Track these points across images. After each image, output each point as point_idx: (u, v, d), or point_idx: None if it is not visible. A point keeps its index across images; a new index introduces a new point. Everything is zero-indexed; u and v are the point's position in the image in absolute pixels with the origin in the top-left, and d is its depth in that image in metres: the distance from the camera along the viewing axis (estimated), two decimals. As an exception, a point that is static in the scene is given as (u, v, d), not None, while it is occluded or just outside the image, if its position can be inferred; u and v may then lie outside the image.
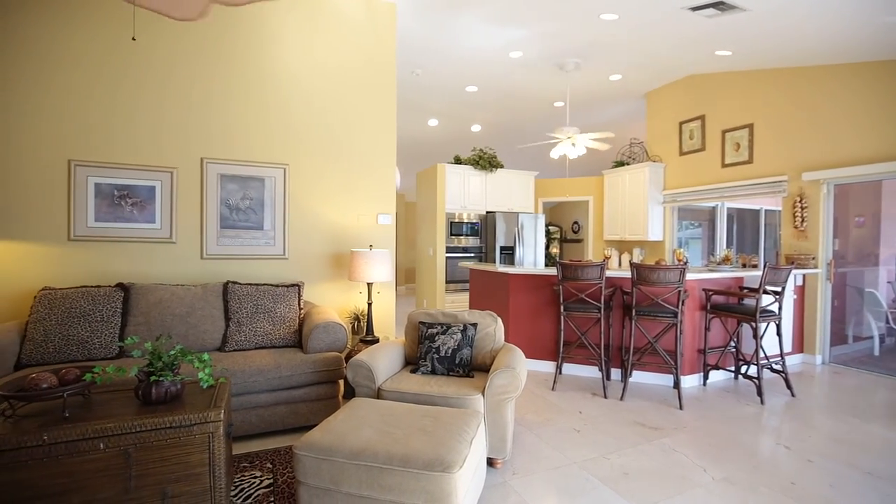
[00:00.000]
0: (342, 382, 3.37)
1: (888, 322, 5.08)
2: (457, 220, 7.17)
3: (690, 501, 2.22)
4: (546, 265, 7.34)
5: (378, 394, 2.55)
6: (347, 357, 3.45)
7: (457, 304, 7.00)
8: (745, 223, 6.92)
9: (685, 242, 7.12)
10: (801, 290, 4.88)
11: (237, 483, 2.29)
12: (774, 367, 3.88)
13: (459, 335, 2.86)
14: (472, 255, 7.31)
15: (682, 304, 3.62)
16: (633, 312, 3.71)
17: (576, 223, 10.13)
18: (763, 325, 3.86)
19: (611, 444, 2.82)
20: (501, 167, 7.44)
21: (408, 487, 1.71)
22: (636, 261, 7.00)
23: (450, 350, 2.81)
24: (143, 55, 3.51)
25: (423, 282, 7.68)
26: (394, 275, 4.03)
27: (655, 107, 6.89)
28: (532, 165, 8.50)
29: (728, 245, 6.41)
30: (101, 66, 3.40)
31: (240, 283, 3.37)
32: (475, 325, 2.94)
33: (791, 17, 3.88)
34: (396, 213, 4.79)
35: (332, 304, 4.06)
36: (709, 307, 4.01)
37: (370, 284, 3.74)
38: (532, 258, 7.13)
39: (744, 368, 4.10)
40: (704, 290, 4.04)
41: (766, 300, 3.78)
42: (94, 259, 3.38)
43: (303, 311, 3.46)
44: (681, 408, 3.44)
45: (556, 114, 7.46)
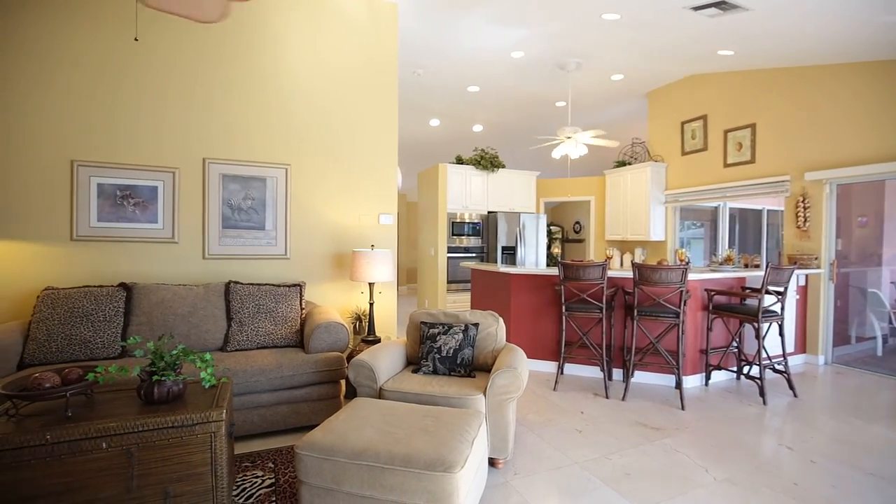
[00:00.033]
0: (344, 382, 3.38)
1: (891, 322, 5.06)
2: (458, 221, 7.17)
3: (692, 502, 2.21)
4: (548, 265, 7.34)
5: (380, 394, 2.55)
6: (349, 357, 3.45)
7: (458, 305, 7.00)
8: (748, 223, 6.91)
9: (687, 242, 7.10)
10: (804, 291, 4.87)
11: (239, 483, 2.29)
12: (777, 368, 3.87)
13: (461, 335, 2.86)
14: (474, 256, 7.31)
15: (684, 305, 3.62)
16: (635, 312, 3.71)
17: (577, 223, 10.12)
18: (765, 326, 3.85)
19: (612, 445, 2.82)
20: (503, 167, 7.44)
21: (409, 487, 1.71)
22: (638, 261, 6.99)
23: (451, 350, 2.81)
24: (145, 55, 3.51)
25: (425, 282, 7.68)
26: (395, 275, 4.03)
27: (657, 107, 6.88)
28: (533, 165, 8.49)
29: (730, 245, 6.39)
30: (102, 66, 3.41)
31: (242, 283, 3.38)
32: (477, 325, 2.94)
33: (793, 17, 3.87)
34: (398, 213, 4.80)
35: (334, 304, 4.06)
36: (711, 307, 4.00)
37: (372, 284, 3.75)
38: (533, 258, 7.13)
39: (746, 369, 4.10)
40: (706, 291, 4.03)
41: (769, 300, 3.77)
42: (97, 259, 3.39)
43: (304, 311, 3.47)
44: (683, 408, 3.43)
45: (558, 114, 7.45)
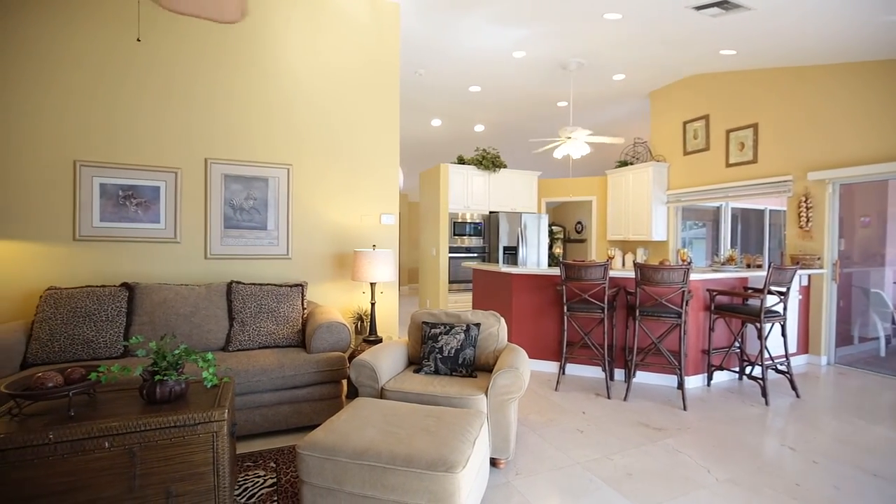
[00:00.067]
0: (345, 382, 3.38)
1: (894, 323, 5.04)
2: (460, 221, 7.17)
3: (694, 502, 2.21)
4: (549, 265, 7.33)
5: (381, 394, 2.55)
6: (351, 357, 3.45)
7: (460, 305, 7.00)
8: (750, 223, 6.89)
9: (689, 242, 7.09)
10: (807, 291, 4.85)
11: (241, 482, 2.30)
12: (779, 368, 3.86)
13: (462, 335, 2.86)
14: (476, 256, 7.31)
15: (686, 305, 3.61)
16: (637, 313, 3.71)
17: (579, 223, 10.11)
18: (768, 326, 3.85)
19: (614, 445, 2.82)
20: (504, 167, 7.44)
21: (411, 487, 1.71)
22: (640, 261, 6.98)
23: (453, 350, 2.81)
24: (146, 55, 3.52)
25: (427, 282, 7.68)
26: (397, 275, 4.03)
27: (659, 106, 6.87)
28: (535, 165, 8.48)
29: (732, 245, 6.38)
30: (103, 66, 3.42)
31: (243, 283, 3.38)
32: (478, 325, 2.94)
33: (794, 16, 3.86)
34: (399, 214, 4.80)
35: (336, 304, 4.06)
36: (713, 307, 3.99)
37: (373, 284, 3.75)
38: (535, 258, 7.12)
39: (748, 369, 4.09)
40: (708, 291, 4.02)
41: (771, 300, 3.75)
42: (99, 259, 3.40)
43: (306, 311, 3.47)
44: (685, 408, 3.43)
45: (560, 114, 7.44)
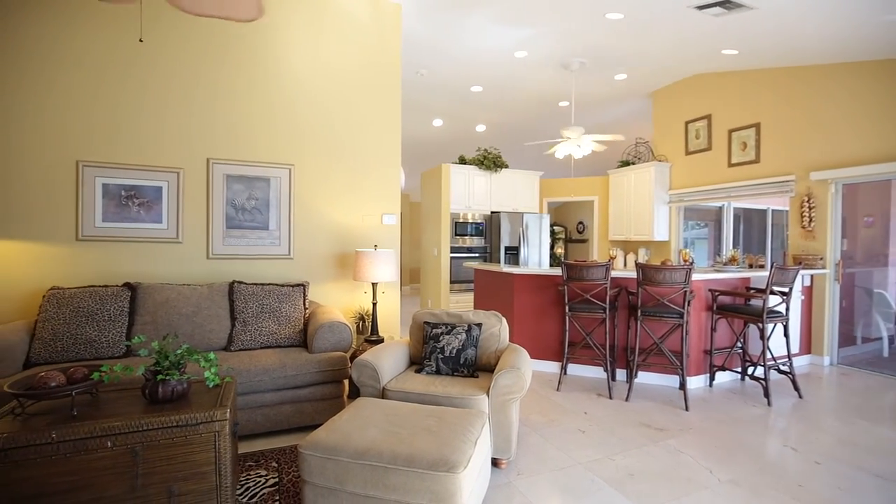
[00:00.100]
0: (347, 382, 3.38)
1: (897, 323, 5.02)
2: (461, 221, 7.16)
3: (696, 503, 2.20)
4: (551, 265, 7.33)
5: (383, 393, 2.55)
6: (352, 357, 3.46)
7: (461, 305, 7.00)
8: (752, 223, 6.87)
9: (691, 243, 7.08)
10: (809, 291, 4.84)
11: (243, 482, 2.30)
12: (781, 369, 3.85)
13: (464, 335, 2.85)
14: (477, 256, 7.31)
15: (688, 305, 3.60)
16: (639, 313, 3.70)
17: (581, 223, 10.10)
18: (770, 326, 3.84)
19: (616, 445, 2.81)
20: (506, 167, 7.43)
21: (412, 487, 1.72)
22: (642, 261, 6.96)
23: (454, 350, 2.81)
24: (148, 56, 3.52)
25: (428, 282, 7.68)
26: (398, 275, 4.04)
27: (661, 106, 6.86)
28: (537, 165, 8.47)
29: (734, 245, 6.37)
30: (105, 67, 3.42)
31: (245, 283, 3.39)
32: (480, 326, 2.94)
33: (797, 16, 3.84)
34: (401, 214, 4.80)
35: (337, 304, 4.07)
36: (715, 308, 3.98)
37: (375, 284, 3.75)
38: (537, 258, 7.12)
39: (750, 369, 4.08)
40: (711, 291, 4.01)
41: (774, 301, 3.74)
42: (102, 259, 3.41)
43: (308, 311, 3.47)
44: (687, 409, 3.42)
45: (562, 113, 7.43)
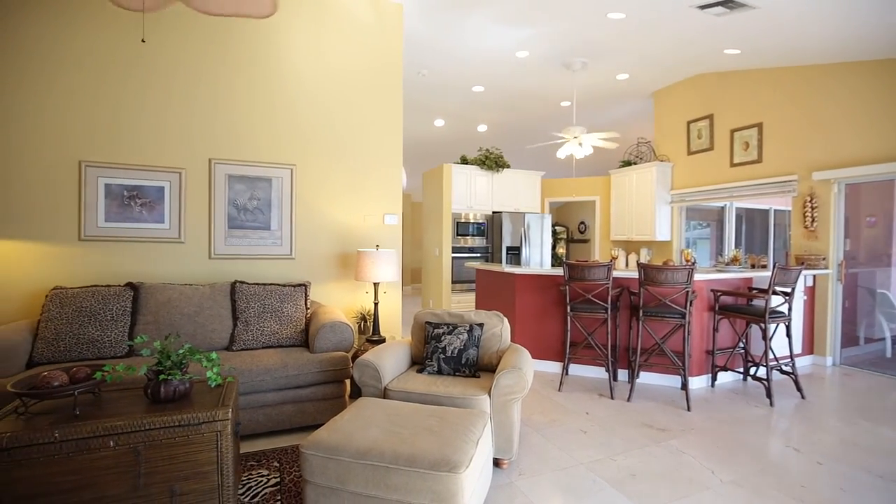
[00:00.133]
0: (349, 382, 3.38)
1: (900, 323, 5.00)
2: (463, 221, 7.16)
3: (698, 504, 2.20)
4: (552, 265, 7.32)
5: (384, 393, 2.55)
6: (354, 357, 3.46)
7: (463, 305, 7.00)
8: (754, 223, 6.85)
9: (693, 243, 7.06)
10: (812, 291, 4.82)
11: (244, 481, 2.31)
12: (784, 369, 3.84)
13: (465, 335, 2.85)
14: (479, 256, 7.31)
15: (690, 305, 3.59)
16: (641, 313, 3.69)
17: (582, 223, 10.09)
18: (772, 327, 3.83)
19: (618, 446, 2.81)
20: (508, 167, 7.42)
21: (414, 487, 1.72)
22: (643, 261, 6.95)
23: (456, 350, 2.81)
24: (149, 56, 3.53)
25: (430, 282, 7.68)
26: (400, 275, 4.04)
27: (663, 106, 6.85)
28: (538, 165, 8.47)
29: (737, 245, 6.35)
30: (106, 67, 3.43)
31: (247, 283, 3.39)
32: (481, 326, 2.94)
33: (801, 14, 3.83)
34: (403, 214, 4.80)
35: (339, 304, 4.07)
36: (717, 308, 3.98)
37: (376, 284, 3.75)
38: (538, 258, 7.11)
39: (753, 370, 4.06)
40: (713, 291, 4.01)
41: (776, 301, 3.74)
42: (104, 259, 3.42)
43: (309, 311, 3.48)
44: (689, 409, 3.41)
45: (563, 113, 7.43)
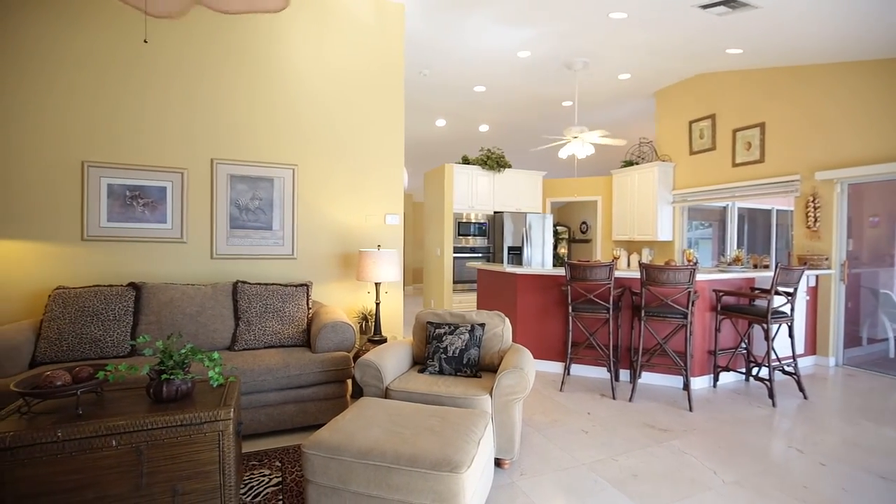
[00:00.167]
0: (350, 382, 3.39)
1: (904, 324, 4.98)
2: (464, 221, 7.16)
3: (700, 504, 2.20)
4: (554, 265, 7.31)
5: (386, 393, 2.55)
6: (355, 357, 3.46)
7: (464, 305, 7.00)
8: (757, 223, 6.84)
9: (695, 243, 7.05)
10: (814, 292, 4.81)
11: (246, 481, 2.31)
12: (786, 370, 3.83)
13: (467, 335, 2.85)
14: (480, 256, 7.30)
15: (692, 305, 3.59)
16: (643, 313, 3.69)
17: (584, 223, 10.08)
18: (775, 327, 3.82)
19: (619, 446, 2.81)
20: (509, 167, 7.42)
21: (416, 487, 1.72)
22: (645, 261, 6.94)
23: (457, 350, 2.81)
24: (151, 56, 3.54)
25: (431, 282, 7.68)
26: (402, 275, 4.04)
27: (665, 106, 6.83)
28: (540, 165, 8.46)
29: (739, 245, 6.34)
30: (107, 67, 3.43)
31: (249, 283, 3.40)
32: (483, 326, 2.94)
33: (802, 14, 3.82)
34: (404, 214, 4.80)
35: (341, 304, 4.07)
36: (719, 308, 3.97)
37: (378, 284, 3.76)
38: (540, 258, 7.11)
39: (755, 370, 4.05)
40: (715, 291, 4.00)
41: (778, 301, 3.73)
42: (107, 259, 3.43)
43: (311, 311, 3.48)
44: (691, 410, 3.41)
45: (565, 113, 7.42)
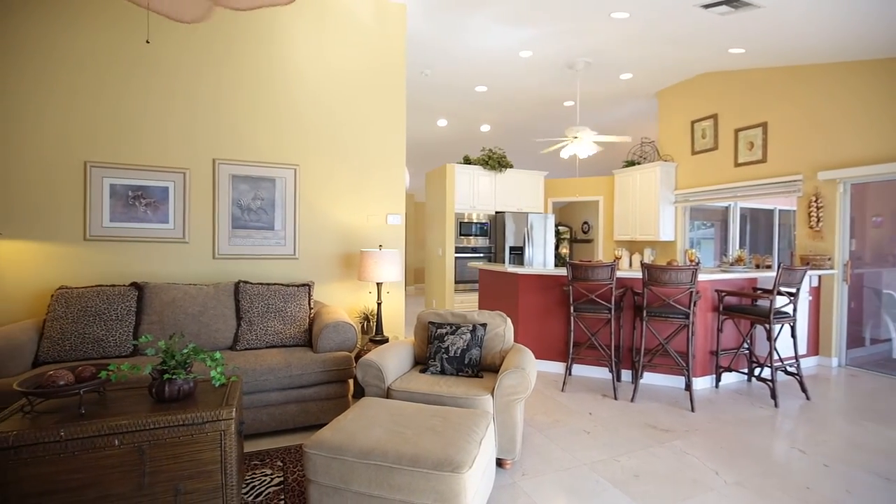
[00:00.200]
0: (352, 382, 3.39)
1: (907, 324, 4.97)
2: (466, 221, 7.16)
3: (702, 505, 2.19)
4: (556, 265, 7.30)
5: (387, 393, 2.55)
6: (357, 357, 3.46)
7: (466, 305, 7.00)
8: (759, 223, 6.82)
9: (697, 243, 7.03)
10: (817, 292, 4.80)
11: (248, 481, 2.31)
12: (789, 370, 3.82)
13: (469, 335, 2.85)
14: (482, 256, 7.30)
15: (694, 306, 3.58)
16: (644, 313, 3.68)
17: (586, 223, 10.07)
18: (777, 327, 3.81)
19: (621, 446, 2.80)
20: (511, 167, 7.42)
21: (417, 487, 1.72)
22: (647, 261, 6.93)
23: (459, 350, 2.81)
24: (152, 56, 3.54)
25: (433, 282, 7.68)
26: (403, 275, 4.04)
27: (667, 106, 6.82)
28: (542, 165, 8.45)
29: (741, 245, 6.32)
30: (108, 68, 3.44)
31: (251, 283, 3.40)
32: (484, 326, 2.94)
33: (805, 13, 3.81)
34: (406, 214, 4.81)
35: (342, 304, 4.08)
36: (721, 308, 3.96)
37: (380, 284, 3.76)
38: (541, 258, 7.10)
39: (757, 371, 4.04)
40: (717, 291, 3.99)
41: (781, 301, 3.72)
42: (109, 258, 3.44)
43: (313, 311, 3.48)
44: (692, 410, 3.40)
45: (566, 113, 7.41)
